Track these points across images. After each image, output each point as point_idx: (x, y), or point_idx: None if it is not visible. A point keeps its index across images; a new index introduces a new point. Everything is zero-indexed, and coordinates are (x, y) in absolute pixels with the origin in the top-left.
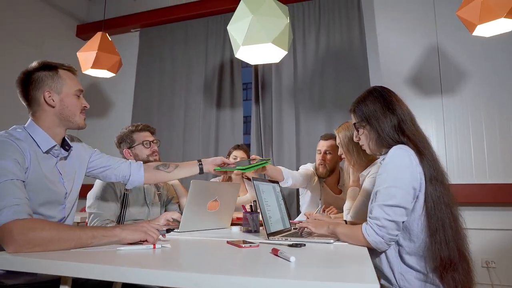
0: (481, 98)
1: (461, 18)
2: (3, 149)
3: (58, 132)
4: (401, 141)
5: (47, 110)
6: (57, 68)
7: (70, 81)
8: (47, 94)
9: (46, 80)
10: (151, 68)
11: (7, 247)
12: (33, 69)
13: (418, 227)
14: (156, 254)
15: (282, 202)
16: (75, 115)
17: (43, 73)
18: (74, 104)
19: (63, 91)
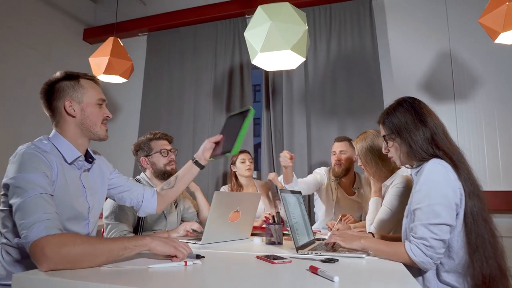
0: (495, 104)
1: (483, 26)
2: (32, 162)
3: (81, 143)
4: (435, 154)
5: (69, 120)
6: (79, 77)
7: (91, 90)
8: (67, 103)
9: (67, 90)
10: (159, 73)
11: (40, 265)
12: (55, 79)
13: (458, 244)
14: (188, 272)
15: (305, 212)
16: (96, 125)
17: (65, 83)
18: (95, 114)
19: (84, 100)
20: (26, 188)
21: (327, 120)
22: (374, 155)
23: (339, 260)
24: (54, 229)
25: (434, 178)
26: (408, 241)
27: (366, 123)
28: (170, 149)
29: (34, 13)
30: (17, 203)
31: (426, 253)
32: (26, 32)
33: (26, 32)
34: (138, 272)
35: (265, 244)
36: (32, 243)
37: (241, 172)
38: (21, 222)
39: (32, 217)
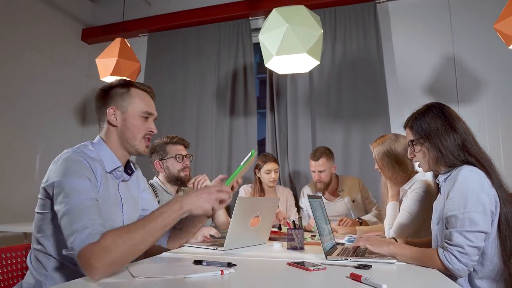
0: (498, 108)
1: (498, 31)
2: (77, 167)
3: (121, 154)
4: (467, 161)
5: (111, 128)
6: (131, 85)
7: (139, 101)
8: (111, 111)
9: (115, 97)
10: (160, 74)
11: (90, 276)
12: (109, 85)
13: (492, 250)
14: (225, 281)
15: (327, 217)
16: (135, 138)
17: (116, 90)
18: (137, 126)
19: (128, 110)
20: (71, 195)
21: (332, 123)
22: (391, 159)
23: (372, 266)
24: (96, 235)
25: (470, 185)
26: (441, 248)
27: (371, 126)
28: (186, 154)
29: (31, 13)
30: (62, 210)
31: (461, 260)
32: (24, 32)
33: (24, 32)
34: (174, 282)
35: (287, 249)
36: (78, 255)
37: (265, 182)
38: (66, 231)
39: (75, 226)
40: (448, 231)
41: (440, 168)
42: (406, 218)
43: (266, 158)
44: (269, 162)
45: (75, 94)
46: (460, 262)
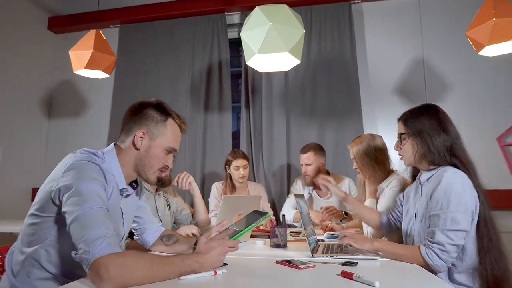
0: (464, 109)
1: (470, 38)
2: (95, 174)
3: (130, 174)
4: (451, 162)
5: (132, 149)
6: (170, 115)
7: (170, 135)
8: (140, 134)
9: (150, 122)
10: (132, 67)
11: (102, 283)
12: (149, 104)
13: (472, 247)
14: (219, 281)
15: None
16: (151, 169)
17: (153, 113)
18: (158, 158)
19: (157, 140)
20: (87, 198)
21: (307, 121)
22: (370, 158)
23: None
24: (117, 247)
25: (453, 187)
26: (423, 245)
27: (344, 124)
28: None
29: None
30: (76, 213)
31: (441, 257)
32: None
33: None
34: (169, 284)
35: (270, 247)
36: (95, 261)
37: (234, 178)
38: (82, 235)
39: (95, 232)
40: (430, 230)
41: (423, 165)
42: None
43: (235, 155)
44: (238, 158)
45: (40, 86)
46: (440, 258)
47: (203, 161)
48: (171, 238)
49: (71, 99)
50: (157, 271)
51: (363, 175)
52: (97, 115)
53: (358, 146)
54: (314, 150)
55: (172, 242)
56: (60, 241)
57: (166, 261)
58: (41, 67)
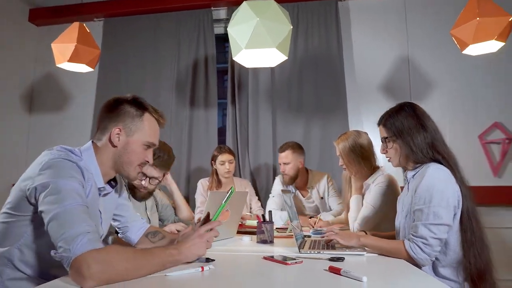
0: (448, 107)
1: (454, 37)
2: (74, 172)
3: (108, 173)
4: (435, 158)
5: (108, 146)
6: (146, 110)
7: (148, 130)
8: (116, 130)
9: (126, 117)
10: (116, 62)
11: (83, 282)
12: (124, 99)
13: (455, 241)
14: (206, 277)
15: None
16: (131, 165)
17: (129, 109)
18: (137, 154)
19: (134, 136)
20: (65, 196)
21: (293, 117)
22: (357, 155)
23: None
24: (98, 243)
25: (436, 182)
26: (407, 240)
27: (330, 121)
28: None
29: None
30: (54, 211)
31: (424, 251)
32: None
33: None
34: (155, 280)
35: (256, 243)
36: (76, 258)
37: (220, 173)
38: (61, 233)
39: (75, 229)
40: (414, 224)
41: (410, 164)
42: (370, 211)
43: (221, 150)
44: (224, 153)
45: (21, 79)
46: (423, 252)
47: (188, 157)
48: (157, 235)
49: (53, 93)
50: (140, 263)
51: (349, 172)
52: (80, 109)
53: (344, 143)
54: (292, 149)
55: (158, 239)
56: (35, 240)
57: (147, 252)
58: (22, 60)
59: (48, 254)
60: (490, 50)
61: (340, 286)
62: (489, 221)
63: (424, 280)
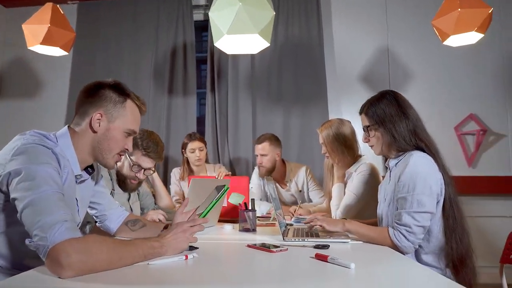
0: (425, 99)
1: (435, 27)
2: (48, 159)
3: (86, 159)
4: (417, 146)
5: (88, 132)
6: (128, 96)
7: (130, 117)
8: (97, 115)
9: (108, 103)
10: (91, 47)
11: (62, 272)
12: (105, 84)
13: (438, 228)
14: (190, 265)
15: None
16: (110, 152)
17: (111, 94)
18: (117, 141)
19: (116, 122)
20: (40, 182)
21: (273, 106)
22: (340, 143)
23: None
24: (77, 232)
25: (419, 170)
26: (391, 228)
27: (310, 110)
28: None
29: None
30: (29, 198)
31: (408, 239)
32: None
33: None
34: (138, 269)
35: (239, 231)
36: (54, 247)
37: (191, 161)
38: (37, 221)
39: (52, 216)
40: (398, 212)
41: (392, 153)
42: (352, 199)
43: (191, 137)
44: (194, 140)
45: None
46: (407, 240)
47: (166, 146)
48: (137, 223)
49: (24, 78)
50: (121, 254)
51: (332, 160)
52: (54, 96)
53: (327, 131)
54: (270, 140)
55: (138, 227)
56: (7, 230)
57: (129, 243)
58: None
59: (21, 243)
60: (470, 41)
61: (327, 273)
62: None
63: (410, 266)
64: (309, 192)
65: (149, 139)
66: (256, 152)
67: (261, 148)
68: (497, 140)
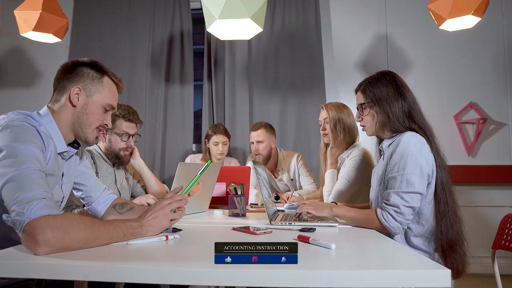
0: (423, 86)
1: (431, 11)
2: (32, 137)
3: (68, 135)
4: (410, 128)
5: (68, 106)
6: (105, 73)
7: (107, 92)
8: (76, 89)
9: (86, 78)
10: (88, 35)
11: (37, 248)
12: (82, 62)
13: (428, 211)
14: (170, 246)
15: (268, 185)
16: (89, 126)
17: (88, 70)
18: (96, 115)
19: (94, 96)
20: (23, 160)
21: (270, 94)
22: (342, 126)
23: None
24: (54, 209)
25: (410, 149)
26: (380, 208)
27: (307, 98)
28: (133, 134)
29: None
30: (10, 174)
31: (396, 219)
32: None
33: None
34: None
35: (228, 216)
36: (30, 222)
37: (213, 153)
38: (15, 197)
39: (31, 193)
40: (386, 192)
41: (385, 133)
42: (345, 185)
43: (216, 129)
44: (219, 134)
45: None
46: (395, 220)
47: (164, 134)
48: (125, 206)
49: (20, 68)
50: (99, 233)
51: (333, 140)
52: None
53: (336, 112)
54: (265, 128)
55: (126, 210)
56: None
57: (107, 222)
58: None
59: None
60: (467, 25)
61: (309, 254)
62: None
63: (392, 246)
64: (300, 178)
65: (122, 108)
66: (252, 139)
67: (256, 135)
68: (497, 129)
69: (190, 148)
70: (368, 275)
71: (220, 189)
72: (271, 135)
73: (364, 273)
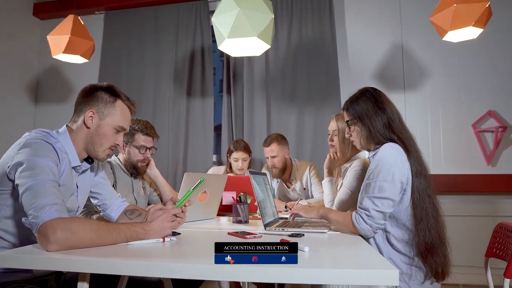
0: (439, 95)
1: (433, 24)
2: (47, 152)
3: (81, 152)
4: (390, 138)
5: (83, 127)
6: (118, 97)
7: (119, 115)
8: (90, 113)
9: (100, 102)
10: (117, 54)
11: (48, 246)
12: (99, 86)
13: (405, 217)
14: (166, 247)
15: (271, 193)
16: (101, 146)
17: (103, 95)
18: (107, 137)
19: (106, 119)
20: (39, 172)
21: (287, 105)
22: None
23: (304, 235)
24: (65, 213)
25: (385, 159)
26: (354, 211)
27: (324, 108)
28: (150, 147)
29: None
30: (28, 184)
31: (366, 222)
32: None
33: None
34: (117, 249)
35: (232, 223)
36: (43, 224)
37: (233, 168)
38: (32, 203)
39: (45, 199)
40: (361, 196)
41: (371, 146)
42: (346, 195)
43: (236, 146)
44: (239, 150)
45: (26, 71)
46: (365, 223)
47: (185, 144)
48: (134, 213)
49: (57, 85)
50: (103, 236)
51: (341, 153)
52: None
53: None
54: (277, 141)
55: (135, 216)
56: (14, 212)
57: (112, 227)
58: (27, 53)
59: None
60: (470, 36)
61: None
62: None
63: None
64: (311, 187)
65: (140, 123)
66: (266, 154)
67: (270, 151)
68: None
69: (210, 159)
70: (326, 273)
71: (229, 198)
72: (283, 147)
73: (320, 272)
